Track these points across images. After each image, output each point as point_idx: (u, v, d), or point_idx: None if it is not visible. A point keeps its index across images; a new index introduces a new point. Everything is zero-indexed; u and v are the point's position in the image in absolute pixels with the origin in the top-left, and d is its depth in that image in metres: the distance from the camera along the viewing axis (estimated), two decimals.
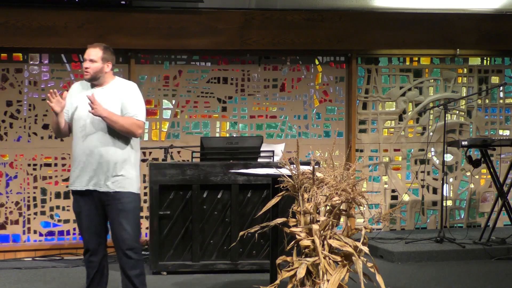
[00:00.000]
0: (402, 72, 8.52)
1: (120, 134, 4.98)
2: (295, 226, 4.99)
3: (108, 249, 5.26)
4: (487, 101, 8.73)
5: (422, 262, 7.27)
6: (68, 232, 7.75)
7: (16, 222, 7.65)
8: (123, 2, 7.54)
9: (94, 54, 5.02)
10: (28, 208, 7.66)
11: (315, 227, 4.80)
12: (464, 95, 8.56)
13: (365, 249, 4.79)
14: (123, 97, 5.02)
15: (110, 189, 4.99)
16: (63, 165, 7.71)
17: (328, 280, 4.72)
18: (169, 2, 7.66)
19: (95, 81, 5.05)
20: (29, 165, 7.65)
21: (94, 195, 5.02)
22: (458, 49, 8.42)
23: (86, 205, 5.06)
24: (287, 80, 8.22)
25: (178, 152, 7.90)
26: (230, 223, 6.77)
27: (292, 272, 4.85)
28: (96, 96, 4.94)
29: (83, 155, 5.00)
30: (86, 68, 5.01)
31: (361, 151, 8.40)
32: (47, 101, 4.97)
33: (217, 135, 8.03)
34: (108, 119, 4.91)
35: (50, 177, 7.70)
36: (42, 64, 7.69)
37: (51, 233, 7.72)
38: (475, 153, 8.43)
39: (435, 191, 8.58)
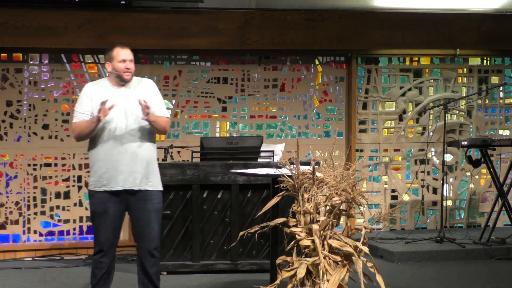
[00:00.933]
0: (402, 72, 8.52)
1: (150, 133, 5.12)
2: (295, 226, 4.99)
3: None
4: (487, 101, 8.73)
5: (422, 262, 7.27)
6: (68, 232, 7.75)
7: (16, 222, 7.65)
8: (123, 2, 7.54)
9: (130, 54, 5.13)
10: (28, 208, 7.66)
11: (315, 227, 4.80)
12: (464, 95, 8.56)
13: (365, 249, 4.79)
14: (147, 95, 5.09)
15: (144, 188, 5.07)
16: (63, 165, 7.71)
17: (328, 280, 4.72)
18: (169, 2, 7.66)
19: (127, 81, 5.10)
20: (29, 165, 7.65)
21: (123, 195, 5.07)
22: (458, 49, 8.42)
23: (115, 205, 5.08)
24: (287, 80, 8.22)
25: (178, 152, 7.90)
26: (230, 223, 6.77)
27: (292, 272, 4.85)
28: (124, 95, 5.05)
29: (117, 155, 5.03)
30: (129, 68, 5.08)
31: (361, 151, 8.40)
32: (102, 113, 4.92)
33: (217, 135, 8.03)
34: (156, 122, 5.05)
35: (50, 177, 7.71)
36: (42, 64, 7.69)
37: (51, 233, 7.72)
38: (475, 153, 8.43)
39: (435, 191, 8.58)
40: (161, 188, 5.20)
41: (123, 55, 5.09)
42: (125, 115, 5.04)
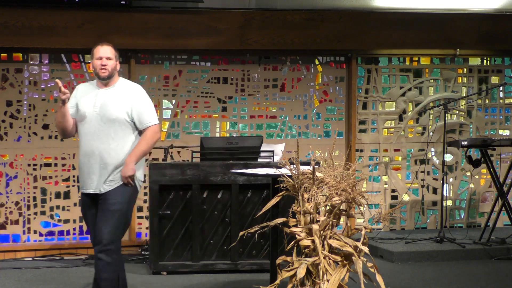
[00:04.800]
0: (402, 72, 8.52)
1: (125, 132, 5.04)
2: (295, 226, 4.99)
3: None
4: (487, 101, 8.73)
5: (422, 262, 7.27)
6: (68, 232, 7.75)
7: (16, 222, 7.65)
8: (123, 2, 7.54)
9: (109, 51, 5.06)
10: (28, 208, 7.66)
11: (315, 227, 4.80)
12: (464, 95, 8.56)
13: (365, 249, 4.79)
14: (132, 102, 5.04)
15: (106, 190, 5.05)
16: (63, 165, 7.71)
17: (328, 280, 4.72)
18: (169, 2, 7.66)
19: (109, 79, 5.06)
20: (29, 165, 7.65)
21: (96, 197, 5.13)
22: (458, 49, 8.42)
23: (91, 206, 5.10)
24: (287, 80, 8.22)
25: (178, 152, 7.90)
26: (230, 223, 6.77)
27: (292, 272, 4.85)
28: (102, 96, 5.03)
29: (88, 157, 5.03)
30: (104, 65, 5.02)
31: (361, 151, 8.40)
32: (59, 91, 4.91)
33: (217, 135, 8.03)
34: (144, 152, 5.06)
35: (50, 177, 7.70)
36: (42, 64, 7.69)
37: (51, 233, 7.72)
38: (475, 153, 8.43)
39: (435, 191, 8.58)
40: (120, 183, 5.03)
41: (100, 52, 5.04)
42: (99, 117, 5.00)
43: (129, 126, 5.05)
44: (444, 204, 7.88)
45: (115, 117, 5.01)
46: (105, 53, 5.04)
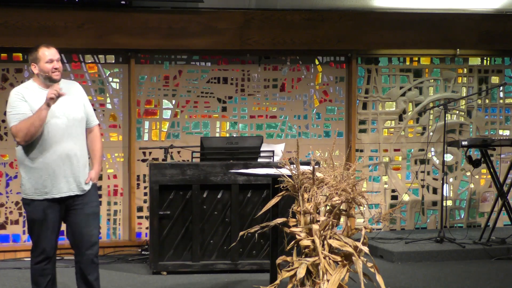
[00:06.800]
0: (402, 72, 8.52)
1: (84, 132, 5.03)
2: (295, 226, 4.99)
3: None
4: (487, 101, 8.73)
5: (422, 262, 7.27)
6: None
7: (16, 222, 7.65)
8: (123, 2, 7.54)
9: (57, 53, 4.95)
10: None
11: (315, 227, 4.80)
12: (464, 95, 8.56)
13: (365, 249, 4.79)
14: (83, 100, 5.02)
15: (84, 190, 4.99)
16: None
17: (328, 280, 4.72)
18: (169, 2, 7.66)
19: (57, 82, 4.92)
20: None
21: (63, 201, 4.93)
22: (458, 49, 8.42)
23: (56, 212, 4.94)
24: (287, 80, 8.22)
25: (178, 152, 7.90)
26: (230, 223, 6.77)
27: (292, 272, 4.85)
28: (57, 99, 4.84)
29: (57, 159, 4.85)
30: (57, 68, 4.90)
31: (361, 151, 8.40)
32: (52, 94, 4.72)
33: (217, 135, 8.03)
34: (101, 159, 5.12)
35: None
36: None
37: None
38: (475, 153, 8.43)
39: (435, 191, 8.58)
40: (91, 183, 5.04)
41: (49, 54, 4.89)
42: (65, 118, 4.87)
43: (84, 124, 5.02)
44: (444, 204, 7.88)
45: (81, 117, 4.96)
46: (55, 55, 4.93)
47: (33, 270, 5.01)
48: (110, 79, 7.78)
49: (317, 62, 8.29)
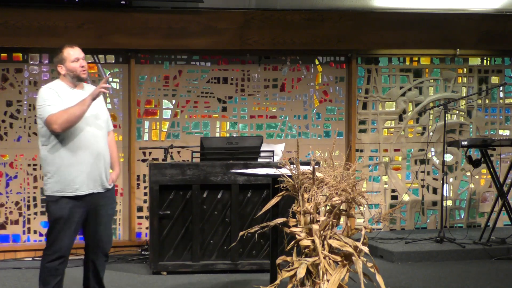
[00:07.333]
0: (402, 72, 8.52)
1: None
2: (295, 226, 4.98)
3: None
4: (487, 101, 8.73)
5: (422, 262, 7.27)
6: None
7: (16, 222, 7.65)
8: (123, 2, 7.54)
9: (82, 52, 5.03)
10: (28, 208, 7.66)
11: (315, 227, 4.80)
12: (464, 95, 8.56)
13: (365, 249, 4.79)
14: (103, 104, 5.17)
15: (107, 188, 5.09)
16: None
17: (328, 280, 4.72)
18: (169, 2, 7.66)
19: (84, 80, 5.03)
20: (29, 165, 7.65)
21: (88, 199, 4.98)
22: (458, 49, 8.42)
23: (80, 209, 4.97)
24: (287, 80, 8.22)
25: (178, 152, 7.90)
26: (230, 223, 6.77)
27: (292, 272, 4.84)
28: (83, 97, 4.92)
29: (89, 158, 4.94)
30: (83, 66, 4.97)
31: (361, 151, 8.40)
32: (104, 89, 4.83)
33: (217, 135, 8.03)
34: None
35: None
36: (42, 64, 7.69)
37: None
38: (475, 153, 8.43)
39: (435, 191, 8.58)
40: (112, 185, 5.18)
41: (74, 53, 4.97)
42: (94, 117, 4.97)
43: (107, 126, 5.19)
44: (444, 204, 7.88)
45: (107, 118, 5.15)
46: (81, 54, 5.00)
47: (44, 269, 5.04)
48: (110, 79, 7.79)
49: (317, 62, 8.29)
